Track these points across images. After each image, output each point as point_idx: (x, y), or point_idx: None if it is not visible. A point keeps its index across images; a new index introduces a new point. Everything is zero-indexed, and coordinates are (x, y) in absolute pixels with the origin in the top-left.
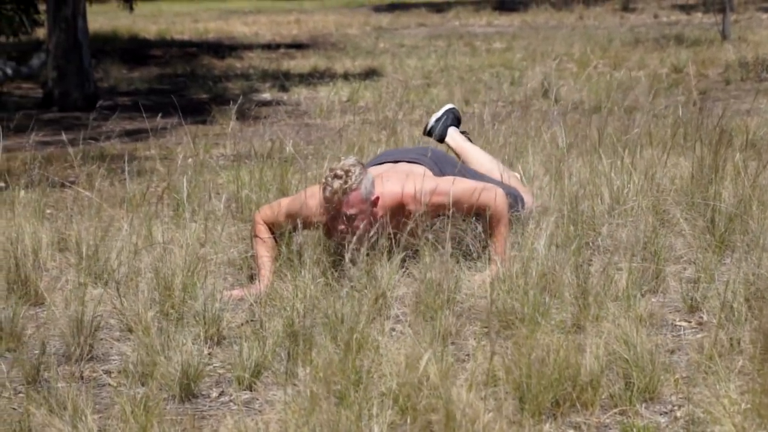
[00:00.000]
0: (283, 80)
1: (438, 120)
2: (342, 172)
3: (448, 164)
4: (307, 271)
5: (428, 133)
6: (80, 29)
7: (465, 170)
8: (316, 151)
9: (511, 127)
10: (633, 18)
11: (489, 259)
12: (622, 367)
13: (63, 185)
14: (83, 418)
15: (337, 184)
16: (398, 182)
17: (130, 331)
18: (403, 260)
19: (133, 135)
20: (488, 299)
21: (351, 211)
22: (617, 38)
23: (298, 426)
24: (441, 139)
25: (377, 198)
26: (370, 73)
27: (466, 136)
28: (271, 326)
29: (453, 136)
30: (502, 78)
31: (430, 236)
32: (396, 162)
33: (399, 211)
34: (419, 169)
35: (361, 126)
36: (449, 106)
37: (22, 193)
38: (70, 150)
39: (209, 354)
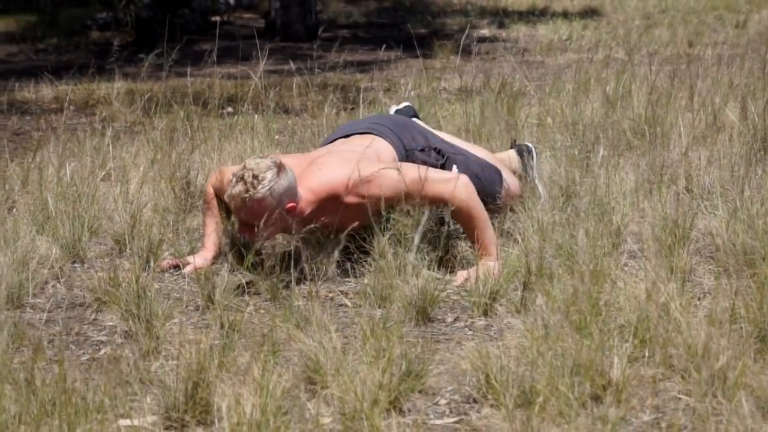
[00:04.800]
0: (501, 17)
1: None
2: (250, 177)
3: (409, 131)
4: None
5: None
6: None
7: (432, 138)
8: (542, 87)
9: (743, 69)
10: None
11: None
12: None
13: (298, 113)
14: (327, 334)
15: (238, 189)
16: (330, 170)
17: (366, 254)
18: None
19: (355, 66)
20: (724, 238)
21: (253, 220)
22: None
23: (539, 352)
24: None
25: (292, 207)
26: (589, 13)
27: None
28: (505, 256)
29: None
30: (726, 21)
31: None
32: (347, 136)
33: (333, 204)
34: (368, 143)
35: (585, 65)
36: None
37: (256, 118)
38: (296, 79)
39: (444, 280)
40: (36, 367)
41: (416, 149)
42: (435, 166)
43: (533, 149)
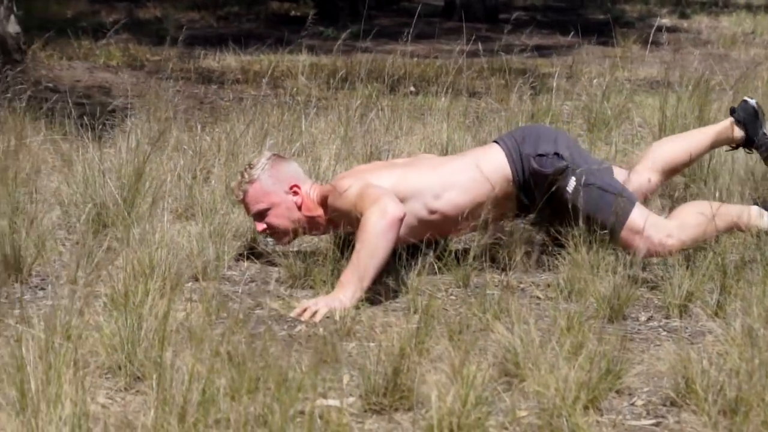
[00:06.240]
0: (683, 6)
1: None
2: (244, 169)
3: (538, 136)
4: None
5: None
6: None
7: (569, 147)
8: (727, 82)
9: None
10: None
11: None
12: None
13: (481, 96)
14: (526, 326)
15: (236, 181)
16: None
17: (561, 246)
18: None
19: (534, 51)
20: None
21: (257, 207)
22: None
23: (742, 359)
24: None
25: (295, 186)
26: None
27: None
28: (700, 257)
29: None
30: None
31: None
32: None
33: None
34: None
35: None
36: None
37: (443, 100)
38: (477, 61)
39: (637, 279)
40: (238, 341)
41: (533, 154)
42: (548, 175)
43: None
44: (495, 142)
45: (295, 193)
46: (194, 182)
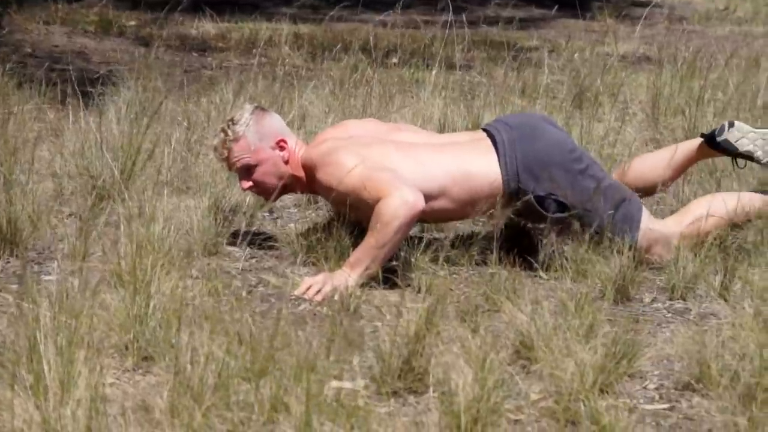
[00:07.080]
0: None
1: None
2: (226, 125)
3: (547, 166)
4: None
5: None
6: None
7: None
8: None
9: None
10: None
11: None
12: None
13: (463, 69)
14: (539, 308)
15: (219, 138)
16: (326, 142)
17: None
18: None
19: (510, 23)
20: None
21: (243, 164)
22: None
23: (756, 345)
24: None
25: (281, 140)
26: None
27: None
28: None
29: None
30: None
31: None
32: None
33: (312, 178)
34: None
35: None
36: None
37: (433, 73)
38: (451, 32)
39: (642, 260)
40: (244, 320)
41: (531, 191)
42: (548, 216)
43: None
44: (488, 134)
45: (282, 148)
46: (190, 155)
